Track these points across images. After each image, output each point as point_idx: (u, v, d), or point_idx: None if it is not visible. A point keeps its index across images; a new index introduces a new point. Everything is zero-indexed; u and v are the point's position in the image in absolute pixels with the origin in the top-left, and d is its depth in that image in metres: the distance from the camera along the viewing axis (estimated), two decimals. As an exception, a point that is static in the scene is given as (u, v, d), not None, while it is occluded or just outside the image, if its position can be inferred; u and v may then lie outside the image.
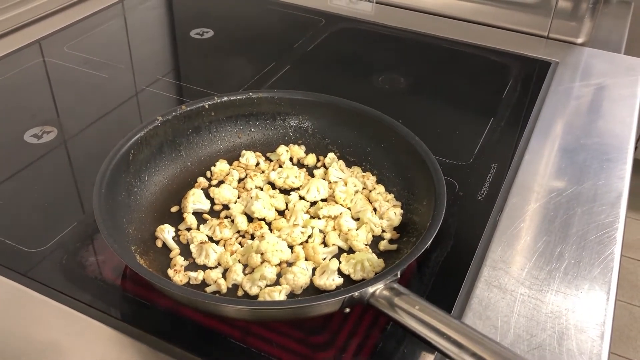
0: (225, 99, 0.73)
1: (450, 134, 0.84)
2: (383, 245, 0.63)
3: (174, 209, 0.67)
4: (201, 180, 0.70)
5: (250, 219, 0.65)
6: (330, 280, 0.58)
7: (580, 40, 1.05)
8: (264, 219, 0.65)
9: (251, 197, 0.66)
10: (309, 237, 0.63)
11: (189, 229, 0.64)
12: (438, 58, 1.04)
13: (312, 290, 0.59)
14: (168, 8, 1.21)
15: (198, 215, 0.66)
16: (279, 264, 0.60)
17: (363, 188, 0.70)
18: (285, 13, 1.17)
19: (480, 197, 0.72)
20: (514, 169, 0.76)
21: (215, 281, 0.58)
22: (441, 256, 0.63)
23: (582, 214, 0.69)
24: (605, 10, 1.20)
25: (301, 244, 0.62)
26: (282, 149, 0.74)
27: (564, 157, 0.79)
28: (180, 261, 0.60)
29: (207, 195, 0.68)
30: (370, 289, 0.51)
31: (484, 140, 0.81)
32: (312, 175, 0.72)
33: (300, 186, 0.70)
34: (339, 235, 0.63)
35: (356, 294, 0.51)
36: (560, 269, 0.62)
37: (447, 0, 1.12)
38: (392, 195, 0.68)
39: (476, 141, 0.81)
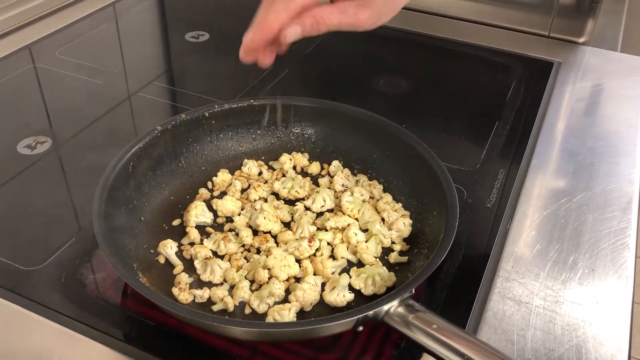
0: (226, 106, 0.70)
1: (456, 139, 0.82)
2: (393, 257, 0.61)
3: (175, 222, 0.64)
4: (203, 191, 0.68)
5: (255, 231, 0.63)
6: (340, 296, 0.56)
7: (582, 40, 1.04)
8: (269, 232, 0.63)
9: (255, 209, 0.64)
10: (317, 250, 0.61)
11: (192, 244, 0.62)
12: (439, 59, 1.02)
13: (322, 305, 0.57)
14: (161, 11, 1.18)
15: (201, 228, 0.64)
16: (287, 280, 0.58)
17: (370, 197, 0.68)
18: (281, 14, 1.14)
19: (489, 204, 0.70)
20: (522, 174, 0.74)
21: (222, 299, 0.55)
22: (452, 267, 0.61)
23: (594, 221, 0.68)
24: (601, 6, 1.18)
25: (309, 257, 0.60)
26: (285, 157, 0.71)
27: (572, 161, 0.77)
28: (184, 278, 0.57)
29: (210, 207, 0.66)
30: (385, 307, 0.49)
31: (490, 145, 0.80)
32: (317, 184, 0.70)
33: (306, 196, 0.68)
34: (347, 248, 0.62)
35: (370, 313, 0.49)
36: (575, 278, 0.61)
37: (447, 0, 1.10)
38: (400, 204, 0.66)
39: (482, 146, 0.79)
